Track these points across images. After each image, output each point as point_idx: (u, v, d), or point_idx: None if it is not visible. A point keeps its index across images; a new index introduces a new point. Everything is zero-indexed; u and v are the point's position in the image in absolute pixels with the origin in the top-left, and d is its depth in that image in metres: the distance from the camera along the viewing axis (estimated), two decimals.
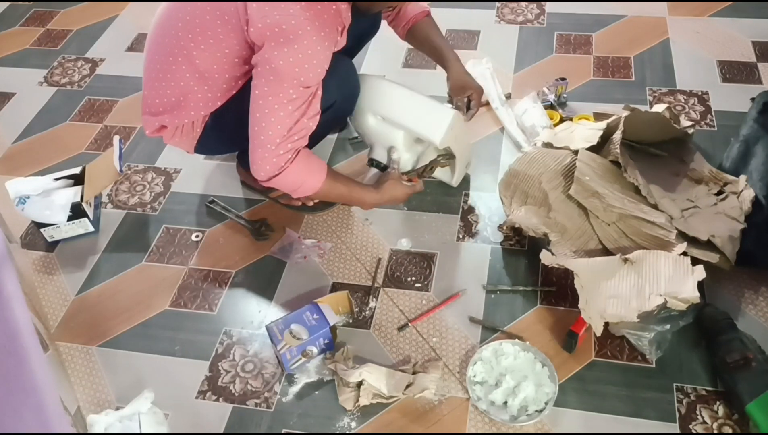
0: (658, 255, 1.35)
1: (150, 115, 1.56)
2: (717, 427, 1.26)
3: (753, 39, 2.13)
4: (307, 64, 1.33)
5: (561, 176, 1.53)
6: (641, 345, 1.32)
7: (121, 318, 1.55)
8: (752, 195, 1.50)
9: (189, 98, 1.50)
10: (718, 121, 1.86)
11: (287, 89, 1.35)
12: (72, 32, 2.53)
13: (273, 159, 1.40)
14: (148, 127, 1.60)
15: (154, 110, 1.55)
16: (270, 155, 1.40)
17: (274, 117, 1.37)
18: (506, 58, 2.15)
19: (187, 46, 1.43)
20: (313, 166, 1.48)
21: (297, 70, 1.33)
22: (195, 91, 1.49)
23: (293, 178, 1.45)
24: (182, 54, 1.44)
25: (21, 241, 1.76)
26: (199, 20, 1.40)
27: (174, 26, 1.44)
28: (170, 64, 1.47)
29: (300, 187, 1.48)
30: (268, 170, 1.42)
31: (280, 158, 1.40)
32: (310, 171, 1.47)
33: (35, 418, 1.00)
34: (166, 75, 1.48)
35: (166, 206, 1.81)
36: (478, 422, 1.31)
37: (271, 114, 1.37)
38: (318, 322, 1.39)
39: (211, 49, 1.42)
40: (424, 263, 1.60)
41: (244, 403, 1.37)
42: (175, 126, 1.56)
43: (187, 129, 1.57)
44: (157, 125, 1.57)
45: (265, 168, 1.42)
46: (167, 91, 1.50)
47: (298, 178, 1.46)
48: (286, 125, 1.38)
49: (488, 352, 1.37)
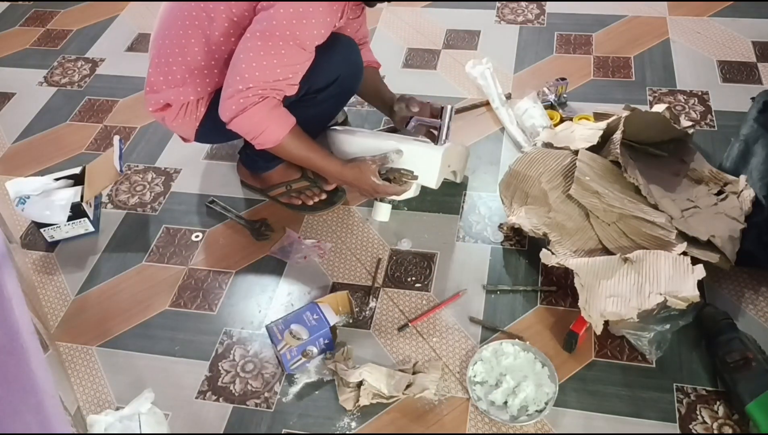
0: (658, 255, 1.35)
1: (154, 93, 1.56)
2: (717, 427, 1.26)
3: (753, 39, 2.13)
4: (305, 20, 1.34)
5: (561, 176, 1.53)
6: (641, 345, 1.32)
7: (121, 318, 1.55)
8: (752, 195, 1.50)
9: (195, 74, 1.51)
10: (718, 121, 1.86)
11: (278, 40, 1.35)
12: (72, 32, 2.53)
13: (240, 99, 1.40)
14: (153, 105, 1.59)
15: (158, 87, 1.55)
16: (238, 95, 1.39)
17: (256, 62, 1.37)
18: (506, 58, 2.15)
19: (199, 16, 1.44)
20: (279, 117, 1.46)
21: (294, 22, 1.34)
22: (202, 67, 1.50)
23: (256, 121, 1.43)
24: (194, 25, 1.45)
25: (21, 241, 1.76)
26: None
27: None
28: (181, 37, 1.48)
29: (261, 135, 1.45)
30: (233, 109, 1.41)
31: (247, 100, 1.40)
32: (274, 119, 1.45)
33: (35, 418, 1.00)
34: (174, 50, 1.50)
35: (166, 206, 1.81)
36: (478, 422, 1.31)
37: (254, 58, 1.37)
38: (318, 322, 1.39)
39: (224, 15, 1.42)
40: (424, 263, 1.60)
41: (244, 403, 1.37)
42: (180, 103, 1.56)
43: (191, 108, 1.57)
44: (162, 102, 1.57)
45: (231, 107, 1.41)
46: (173, 68, 1.51)
47: (260, 123, 1.43)
48: (264, 75, 1.38)
49: (488, 352, 1.38)
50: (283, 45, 1.36)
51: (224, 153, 1.93)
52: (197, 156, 1.93)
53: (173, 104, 1.56)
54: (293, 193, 1.73)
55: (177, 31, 1.48)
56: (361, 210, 1.73)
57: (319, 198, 1.72)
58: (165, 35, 1.52)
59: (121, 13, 2.59)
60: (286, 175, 1.73)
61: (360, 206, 1.74)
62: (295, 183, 1.73)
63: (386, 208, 1.62)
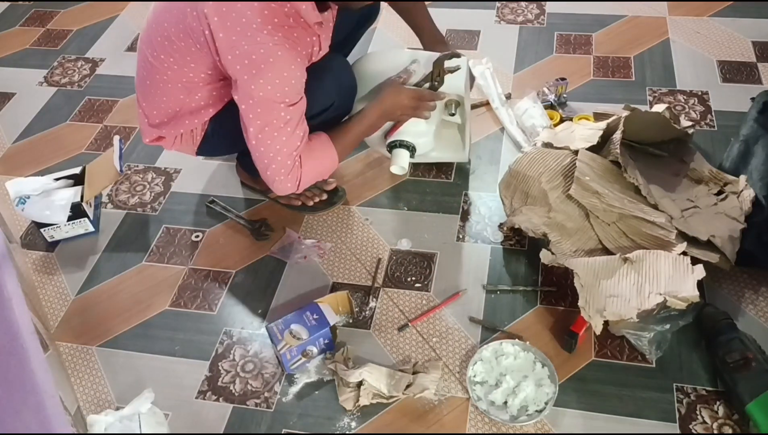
0: (658, 254, 1.35)
1: (148, 126, 1.57)
2: (717, 427, 1.26)
3: (753, 39, 2.12)
4: (287, 87, 1.33)
5: (561, 176, 1.53)
6: (641, 345, 1.32)
7: (121, 318, 1.55)
8: (752, 195, 1.50)
9: (184, 109, 1.50)
10: (718, 121, 1.86)
11: (278, 113, 1.35)
12: (72, 32, 2.53)
13: (288, 174, 1.43)
14: (147, 137, 1.60)
15: (152, 122, 1.55)
16: (282, 174, 1.42)
17: (279, 144, 1.38)
18: (506, 58, 2.15)
19: (170, 67, 1.43)
20: (320, 152, 1.48)
21: (279, 94, 1.33)
22: (188, 103, 1.49)
23: (315, 172, 1.49)
24: (167, 73, 1.44)
25: (21, 241, 1.76)
26: (176, 45, 1.39)
27: (155, 47, 1.43)
28: (158, 81, 1.47)
29: (325, 171, 1.52)
30: (290, 187, 1.45)
31: (294, 171, 1.43)
32: (320, 157, 1.48)
33: (35, 418, 1.00)
34: (157, 90, 1.49)
35: (166, 206, 1.81)
36: (478, 422, 1.31)
37: (274, 143, 1.38)
38: (318, 322, 1.39)
39: (190, 67, 1.41)
40: (424, 263, 1.60)
41: (244, 403, 1.37)
42: (173, 136, 1.56)
43: (186, 138, 1.57)
44: (155, 135, 1.57)
45: (287, 186, 1.45)
46: (161, 106, 1.51)
47: (318, 170, 1.49)
48: (292, 145, 1.40)
49: (488, 352, 1.38)
50: (285, 114, 1.35)
51: None
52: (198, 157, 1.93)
53: (167, 137, 1.57)
54: (293, 193, 1.73)
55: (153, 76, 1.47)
56: (361, 210, 1.73)
57: (319, 198, 1.72)
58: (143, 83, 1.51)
59: (121, 13, 2.59)
60: None
61: (360, 206, 1.74)
62: None
63: (404, 153, 1.60)
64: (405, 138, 1.60)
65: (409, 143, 1.60)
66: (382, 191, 1.77)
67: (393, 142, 1.61)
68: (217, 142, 1.59)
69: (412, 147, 1.61)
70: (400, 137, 1.60)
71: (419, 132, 1.61)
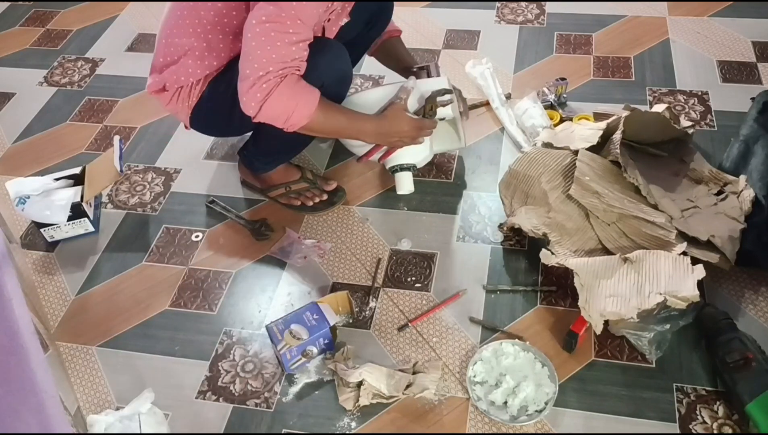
0: (658, 254, 1.35)
1: (154, 72, 1.58)
2: (717, 427, 1.26)
3: (753, 39, 2.13)
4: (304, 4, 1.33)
5: (561, 176, 1.53)
6: (641, 345, 1.32)
7: (121, 318, 1.55)
8: (752, 195, 1.50)
9: (188, 55, 1.51)
10: (718, 121, 1.86)
11: (285, 20, 1.33)
12: (72, 32, 2.53)
13: (263, 84, 1.36)
14: (151, 87, 1.60)
15: (158, 66, 1.56)
16: (259, 81, 1.36)
17: (270, 45, 1.35)
18: (506, 58, 2.15)
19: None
20: (305, 89, 1.41)
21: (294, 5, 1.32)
22: (194, 48, 1.50)
23: (285, 101, 1.38)
24: (188, 7, 1.47)
25: (21, 241, 1.76)
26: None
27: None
28: (178, 18, 1.50)
29: (292, 115, 1.40)
30: (258, 97, 1.37)
31: (269, 83, 1.36)
32: (302, 93, 1.40)
33: (35, 418, 1.00)
34: (173, 30, 1.51)
35: (166, 206, 1.81)
36: (478, 422, 1.31)
37: (267, 42, 1.34)
38: (318, 322, 1.39)
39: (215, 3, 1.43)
40: (424, 263, 1.60)
41: (244, 403, 1.37)
42: (174, 86, 1.56)
43: (183, 95, 1.57)
44: (160, 84, 1.57)
45: (255, 95, 1.37)
46: (171, 49, 1.53)
47: (289, 102, 1.39)
48: (281, 55, 1.35)
49: (488, 352, 1.38)
50: (290, 24, 1.34)
51: (224, 153, 1.93)
52: (197, 156, 1.94)
53: (168, 88, 1.57)
54: (292, 194, 1.73)
55: (175, 12, 1.51)
56: (361, 210, 1.73)
57: (319, 199, 1.72)
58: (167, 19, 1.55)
59: (121, 13, 2.59)
60: (286, 176, 1.73)
61: (360, 206, 1.74)
62: (295, 184, 1.73)
63: (408, 175, 1.64)
64: (405, 161, 1.64)
65: (410, 164, 1.64)
66: (382, 191, 1.77)
67: (394, 168, 1.65)
68: (210, 110, 1.57)
69: (413, 166, 1.65)
70: (400, 161, 1.64)
71: (417, 151, 1.64)
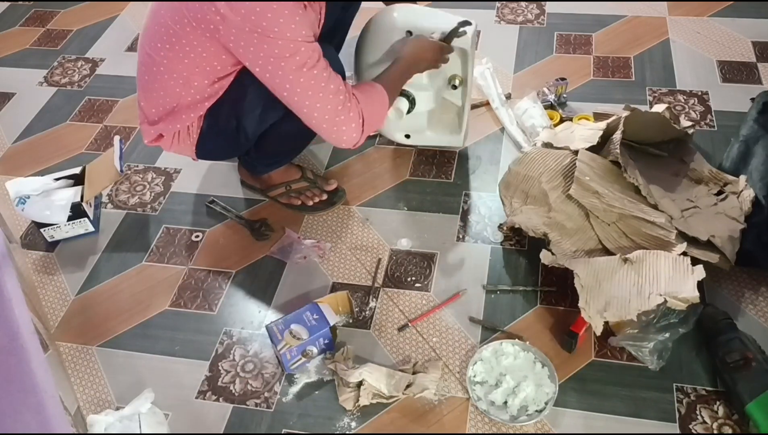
0: (658, 255, 1.35)
1: (147, 124, 1.56)
2: (717, 427, 1.26)
3: (753, 39, 2.13)
4: (293, 24, 1.30)
5: (561, 176, 1.53)
6: (642, 356, 1.30)
7: (121, 318, 1.55)
8: (752, 195, 1.50)
9: (180, 104, 1.49)
10: (718, 121, 1.86)
11: (304, 54, 1.32)
12: (72, 32, 2.53)
13: (349, 113, 1.40)
14: (147, 137, 1.59)
15: (151, 119, 1.55)
16: (346, 119, 1.40)
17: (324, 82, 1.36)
18: (506, 58, 2.15)
19: (166, 56, 1.42)
20: (369, 89, 1.48)
21: (289, 35, 1.30)
22: (183, 96, 1.48)
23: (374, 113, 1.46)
24: (163, 64, 1.43)
25: (21, 241, 1.76)
26: (172, 30, 1.38)
27: (153, 38, 1.43)
28: (155, 74, 1.46)
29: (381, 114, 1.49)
30: (353, 127, 1.42)
31: (353, 110, 1.41)
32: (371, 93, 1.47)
33: (35, 418, 1.00)
34: (154, 85, 1.48)
35: (166, 206, 1.81)
36: (478, 422, 1.31)
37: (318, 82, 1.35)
38: (318, 322, 1.39)
39: (189, 57, 1.40)
40: (424, 263, 1.60)
41: (244, 403, 1.37)
42: (171, 133, 1.56)
43: (183, 135, 1.56)
44: (155, 134, 1.57)
45: (351, 126, 1.42)
46: (159, 101, 1.50)
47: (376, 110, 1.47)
48: (336, 83, 1.38)
49: (488, 352, 1.38)
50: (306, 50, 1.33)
51: None
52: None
53: (165, 135, 1.56)
54: (293, 193, 1.73)
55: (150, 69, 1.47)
56: (361, 210, 1.73)
57: (319, 198, 1.73)
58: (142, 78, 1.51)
59: (121, 13, 2.59)
60: (286, 176, 1.73)
61: (360, 206, 1.74)
62: (295, 183, 1.73)
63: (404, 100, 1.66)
64: (406, 87, 1.65)
65: (410, 93, 1.66)
66: (382, 191, 1.78)
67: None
68: (214, 140, 1.57)
69: (411, 97, 1.67)
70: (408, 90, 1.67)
71: (420, 85, 1.67)
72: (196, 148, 1.60)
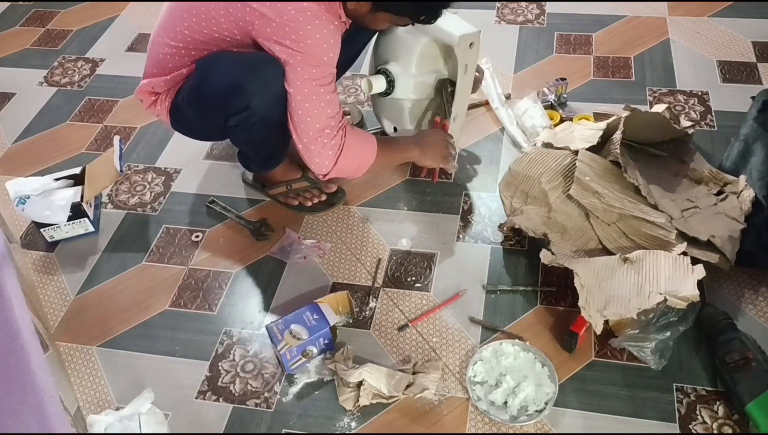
0: (658, 255, 1.35)
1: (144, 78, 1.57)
2: (717, 427, 1.26)
3: (753, 39, 2.13)
4: (326, 44, 1.37)
5: (561, 176, 1.53)
6: (644, 356, 1.30)
7: (121, 318, 1.55)
8: (752, 195, 1.50)
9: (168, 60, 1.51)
10: (718, 121, 1.86)
11: (321, 71, 1.39)
12: (72, 32, 2.53)
13: (331, 140, 1.45)
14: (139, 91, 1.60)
15: (146, 74, 1.57)
16: (323, 138, 1.44)
17: (324, 101, 1.41)
18: (506, 58, 2.15)
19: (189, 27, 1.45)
20: (361, 134, 1.54)
21: (319, 49, 1.37)
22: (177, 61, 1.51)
23: (356, 151, 1.51)
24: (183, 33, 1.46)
25: (21, 241, 1.76)
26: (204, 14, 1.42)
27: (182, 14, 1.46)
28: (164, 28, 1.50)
29: (360, 162, 1.53)
30: (329, 155, 1.47)
31: (335, 138, 1.45)
32: (361, 138, 1.53)
33: (35, 418, 1.00)
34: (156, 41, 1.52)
35: (166, 206, 1.81)
36: (478, 422, 1.31)
37: (319, 99, 1.40)
38: (318, 322, 1.39)
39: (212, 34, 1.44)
40: (424, 263, 1.60)
41: (244, 403, 1.37)
42: (149, 96, 1.57)
43: (160, 101, 1.58)
44: (143, 90, 1.57)
45: (327, 153, 1.46)
46: (151, 59, 1.54)
47: (356, 150, 1.51)
48: (334, 107, 1.43)
49: (488, 352, 1.38)
50: (322, 69, 1.40)
51: (224, 153, 1.93)
52: (197, 156, 1.94)
53: (144, 99, 1.59)
54: (292, 193, 1.73)
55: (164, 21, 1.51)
56: (361, 210, 1.73)
57: (318, 199, 1.72)
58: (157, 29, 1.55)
59: (121, 13, 2.59)
60: (288, 174, 1.73)
61: (360, 206, 1.74)
62: (296, 183, 1.73)
63: (381, 78, 1.67)
64: (391, 68, 1.67)
65: (391, 75, 1.67)
66: (382, 191, 1.78)
67: (380, 68, 1.69)
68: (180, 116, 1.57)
69: (391, 79, 1.67)
70: (388, 67, 1.67)
71: (404, 71, 1.66)
72: (169, 118, 1.60)
